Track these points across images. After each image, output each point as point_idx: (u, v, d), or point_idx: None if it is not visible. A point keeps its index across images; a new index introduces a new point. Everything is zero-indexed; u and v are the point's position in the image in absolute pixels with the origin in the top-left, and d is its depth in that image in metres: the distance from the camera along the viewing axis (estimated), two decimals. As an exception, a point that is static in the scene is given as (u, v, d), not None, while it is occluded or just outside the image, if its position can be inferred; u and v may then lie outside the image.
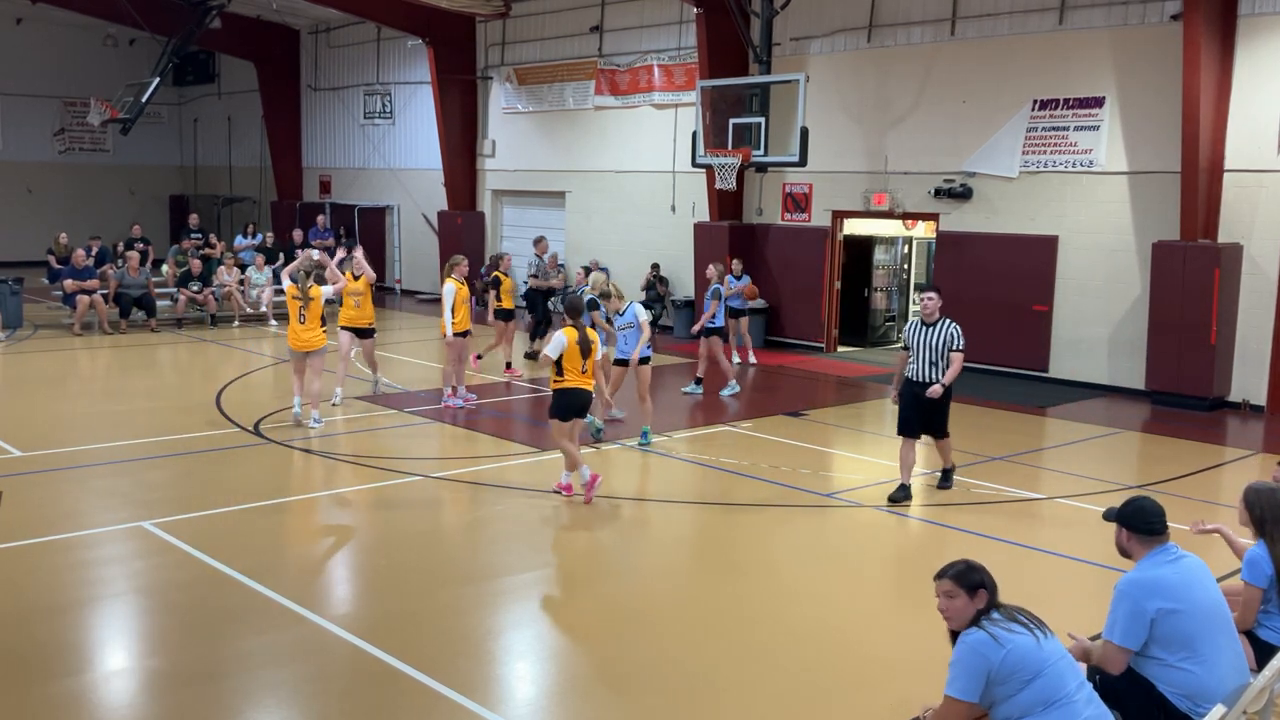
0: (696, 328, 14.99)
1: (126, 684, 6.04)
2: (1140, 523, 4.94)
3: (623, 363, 12.06)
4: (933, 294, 9.80)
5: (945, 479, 10.26)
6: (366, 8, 24.27)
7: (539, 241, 19.16)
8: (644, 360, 11.87)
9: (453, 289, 13.26)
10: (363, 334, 13.60)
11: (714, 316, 14.68)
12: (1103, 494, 10.17)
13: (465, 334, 13.43)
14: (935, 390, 9.55)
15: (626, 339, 11.98)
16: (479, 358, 15.61)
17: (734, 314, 16.62)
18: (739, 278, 16.63)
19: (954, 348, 9.58)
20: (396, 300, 26.02)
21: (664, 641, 6.72)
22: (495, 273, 15.87)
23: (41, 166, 32.42)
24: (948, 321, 9.71)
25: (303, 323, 12.03)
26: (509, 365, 15.75)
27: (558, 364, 9.45)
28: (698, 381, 14.81)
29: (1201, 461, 11.87)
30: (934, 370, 9.61)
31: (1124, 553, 5.03)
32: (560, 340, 9.45)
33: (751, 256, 19.87)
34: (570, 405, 9.55)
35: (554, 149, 23.76)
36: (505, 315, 15.51)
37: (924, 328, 9.72)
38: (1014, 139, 16.56)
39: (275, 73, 29.53)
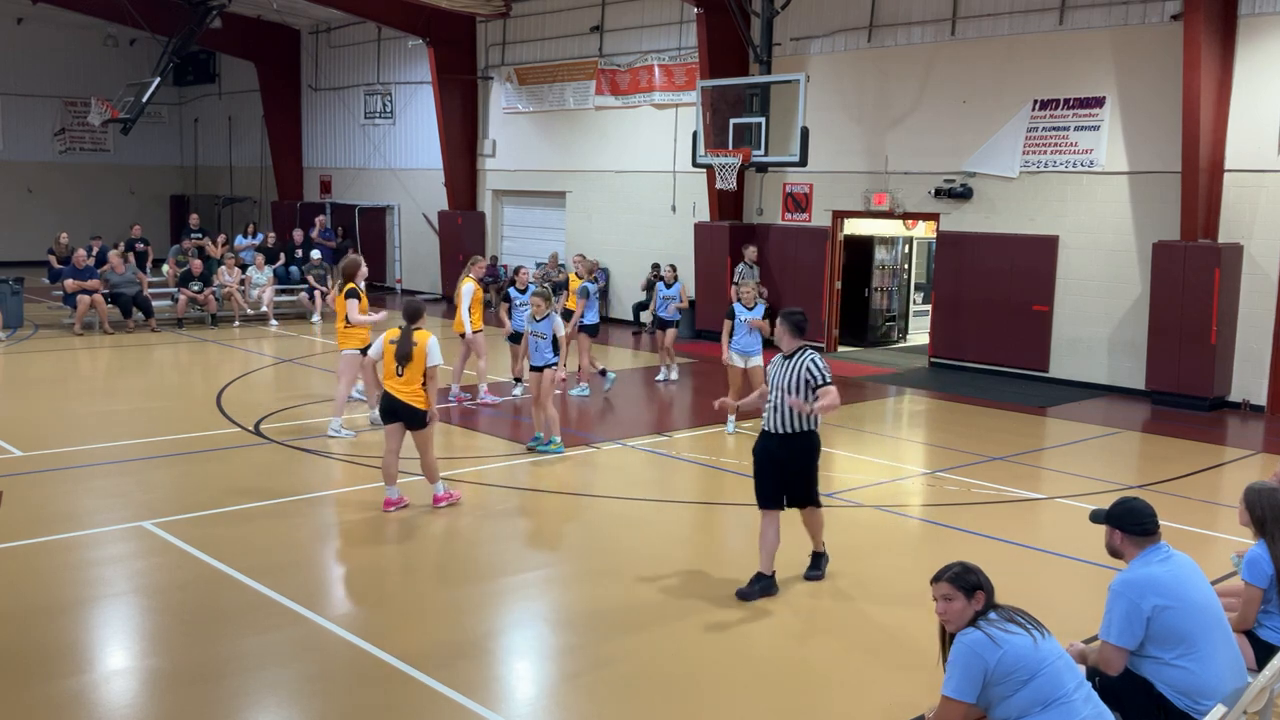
0: (570, 329, 13.89)
1: (126, 684, 6.04)
2: (1132, 523, 4.94)
3: (538, 369, 11.31)
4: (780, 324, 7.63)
5: (815, 565, 7.91)
6: (367, 8, 24.29)
7: (746, 250, 18.28)
8: (549, 366, 11.22)
9: (471, 288, 13.32)
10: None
11: (583, 314, 14.42)
12: (1103, 494, 10.16)
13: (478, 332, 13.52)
14: (795, 402, 7.35)
15: (537, 347, 11.25)
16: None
17: (662, 325, 15.67)
18: (670, 285, 15.68)
19: (817, 383, 7.34)
20: (397, 300, 26.01)
21: (663, 641, 6.72)
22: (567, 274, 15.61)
23: (41, 166, 32.44)
24: (806, 351, 7.53)
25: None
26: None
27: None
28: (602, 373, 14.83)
29: (1201, 461, 11.87)
30: (791, 417, 7.44)
31: (1115, 553, 5.03)
32: (377, 343, 9.30)
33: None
34: (383, 409, 9.20)
35: (554, 149, 23.77)
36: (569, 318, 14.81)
37: (782, 360, 7.55)
38: (1014, 139, 16.56)
39: (276, 73, 29.55)
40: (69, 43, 32.02)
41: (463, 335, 13.45)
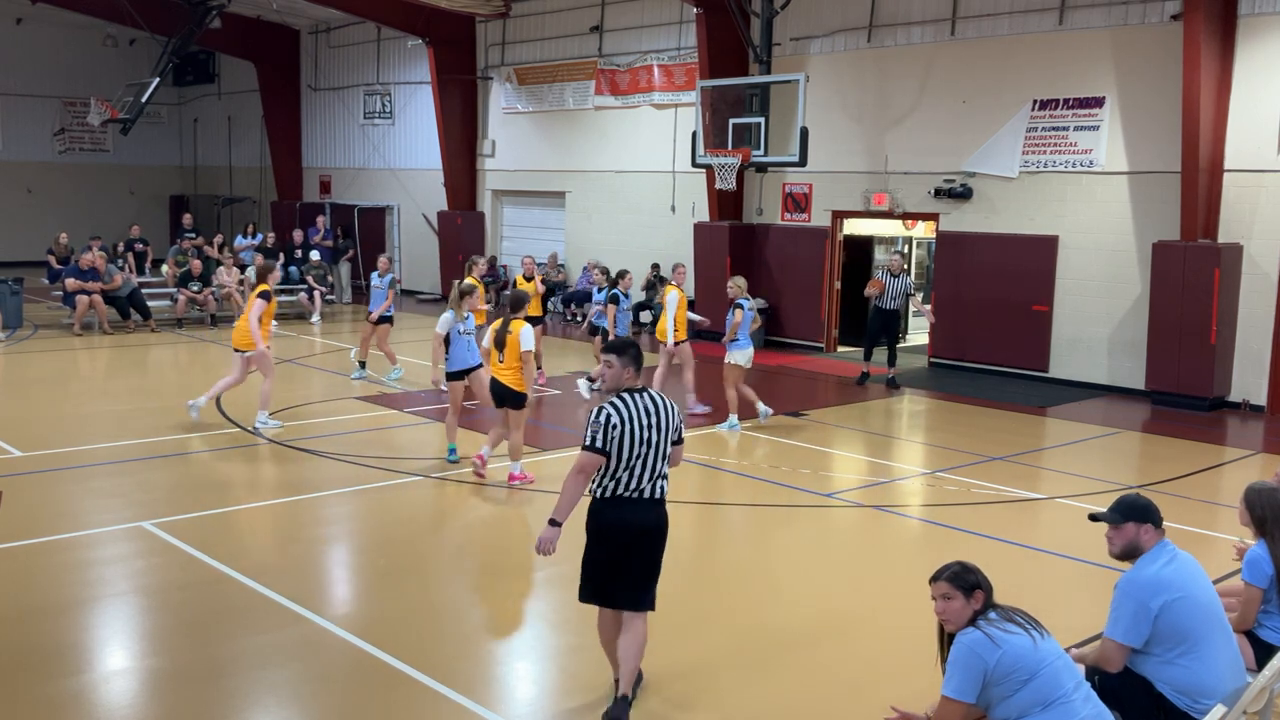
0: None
1: (126, 684, 6.04)
2: (1156, 516, 4.93)
3: (468, 371, 10.90)
4: (612, 356, 5.72)
5: (618, 710, 5.62)
6: (366, 8, 24.28)
7: (895, 256, 16.25)
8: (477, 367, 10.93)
9: (676, 296, 13.36)
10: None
11: (389, 306, 15.27)
12: (1103, 494, 10.16)
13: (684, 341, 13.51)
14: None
15: (470, 346, 10.83)
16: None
17: (594, 331, 14.63)
18: (602, 290, 14.71)
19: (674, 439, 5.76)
20: (397, 301, 25.99)
21: (663, 643, 6.71)
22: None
23: (41, 166, 32.43)
24: (658, 396, 5.76)
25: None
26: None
27: None
28: (362, 365, 15.43)
29: (1202, 461, 11.87)
30: (655, 484, 5.77)
31: (1131, 553, 4.95)
32: (488, 335, 10.11)
33: (751, 256, 19.90)
34: (491, 393, 10.14)
35: (554, 149, 23.77)
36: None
37: (637, 409, 5.62)
38: (1014, 139, 16.56)
39: (275, 73, 29.54)
40: (69, 43, 32.00)
41: (666, 343, 13.48)
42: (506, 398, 9.92)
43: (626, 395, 5.66)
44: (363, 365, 15.43)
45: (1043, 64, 16.23)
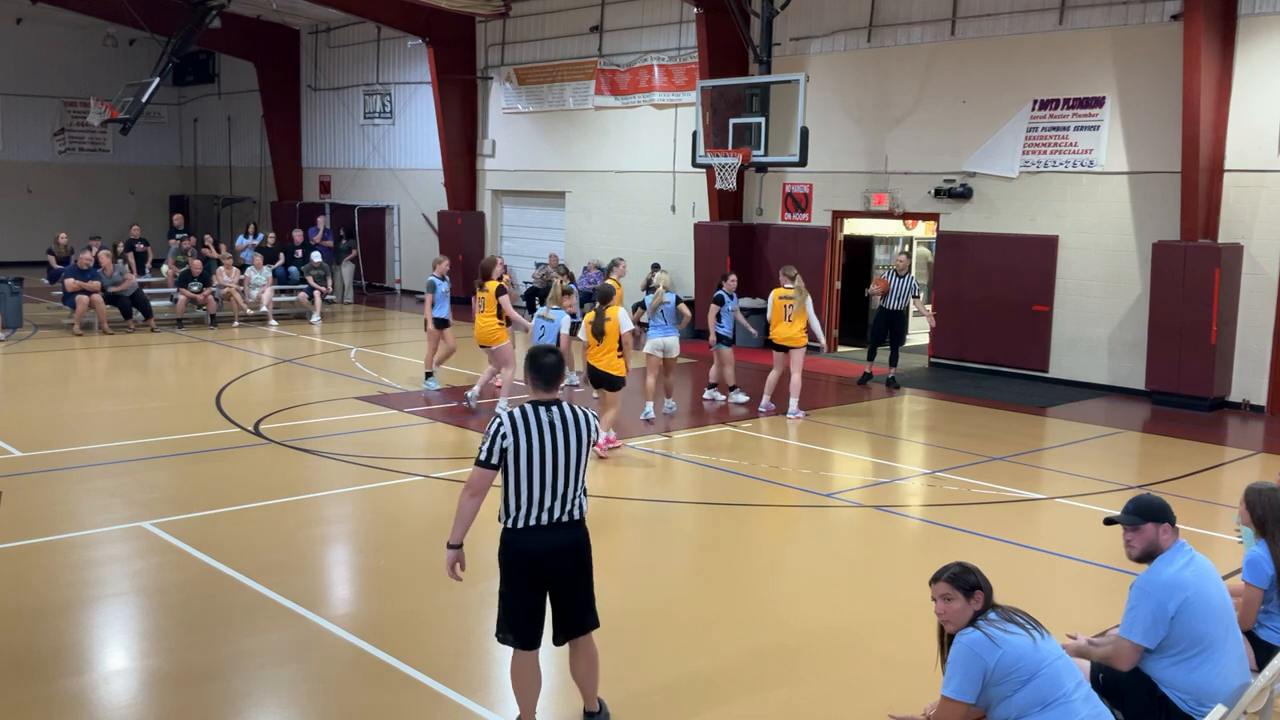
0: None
1: (126, 684, 6.03)
2: (1171, 515, 4.92)
3: None
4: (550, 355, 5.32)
5: None
6: (366, 8, 24.28)
7: (901, 256, 16.35)
8: None
9: (810, 301, 13.51)
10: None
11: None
12: (1103, 494, 10.17)
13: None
14: None
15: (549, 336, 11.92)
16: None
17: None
18: (567, 290, 14.61)
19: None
20: (397, 300, 26.04)
21: (664, 642, 6.72)
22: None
23: (41, 166, 32.43)
24: (570, 411, 5.23)
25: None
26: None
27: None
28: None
29: (1202, 462, 11.87)
30: (570, 505, 5.20)
31: (1150, 553, 4.92)
32: (583, 325, 11.40)
33: (751, 256, 19.90)
34: (589, 377, 11.48)
35: (554, 149, 23.77)
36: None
37: (537, 424, 5.14)
38: (1014, 139, 16.56)
39: (275, 73, 29.54)
40: (69, 43, 32.00)
41: (791, 349, 13.39)
42: (602, 380, 11.22)
43: (530, 407, 5.16)
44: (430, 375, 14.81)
45: (1043, 64, 16.22)
